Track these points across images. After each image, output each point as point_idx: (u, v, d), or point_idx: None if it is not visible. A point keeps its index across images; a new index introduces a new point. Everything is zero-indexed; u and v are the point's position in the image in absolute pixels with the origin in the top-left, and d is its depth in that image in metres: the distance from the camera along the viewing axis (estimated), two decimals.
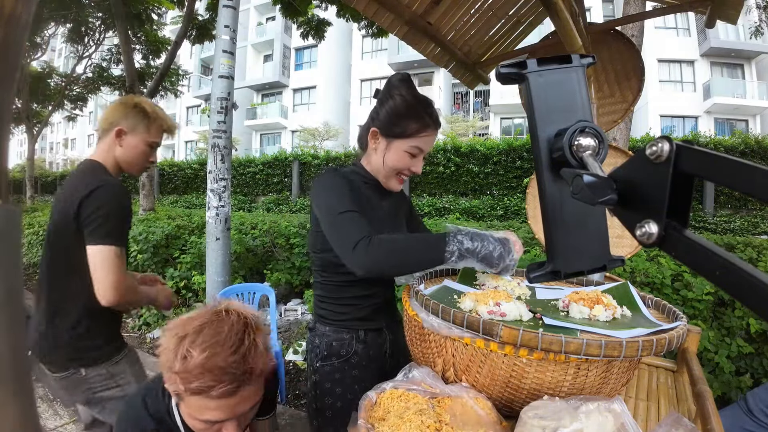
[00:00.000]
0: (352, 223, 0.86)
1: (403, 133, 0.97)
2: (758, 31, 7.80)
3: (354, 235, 0.83)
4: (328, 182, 0.97)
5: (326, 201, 0.93)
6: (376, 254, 0.82)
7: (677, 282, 2.21)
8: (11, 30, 0.11)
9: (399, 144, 0.98)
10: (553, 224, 0.43)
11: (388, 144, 0.99)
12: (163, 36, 8.48)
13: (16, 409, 0.10)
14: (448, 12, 1.54)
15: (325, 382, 1.02)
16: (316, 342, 1.04)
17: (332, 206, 0.90)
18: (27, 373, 0.11)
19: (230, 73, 2.64)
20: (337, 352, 1.02)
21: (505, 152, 7.74)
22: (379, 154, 1.01)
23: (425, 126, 0.97)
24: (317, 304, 1.08)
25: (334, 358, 1.02)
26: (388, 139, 0.98)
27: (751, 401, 1.22)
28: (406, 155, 0.98)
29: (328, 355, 1.02)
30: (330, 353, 1.02)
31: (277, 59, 21.86)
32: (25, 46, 0.22)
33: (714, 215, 6.88)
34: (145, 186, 6.31)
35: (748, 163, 0.23)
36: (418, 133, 0.97)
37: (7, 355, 0.10)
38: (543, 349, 0.59)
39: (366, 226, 0.86)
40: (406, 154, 0.98)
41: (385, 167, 1.00)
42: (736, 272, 0.23)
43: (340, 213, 0.88)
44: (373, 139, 1.01)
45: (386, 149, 0.99)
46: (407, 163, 0.99)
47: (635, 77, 1.68)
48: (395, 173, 1.02)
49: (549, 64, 0.41)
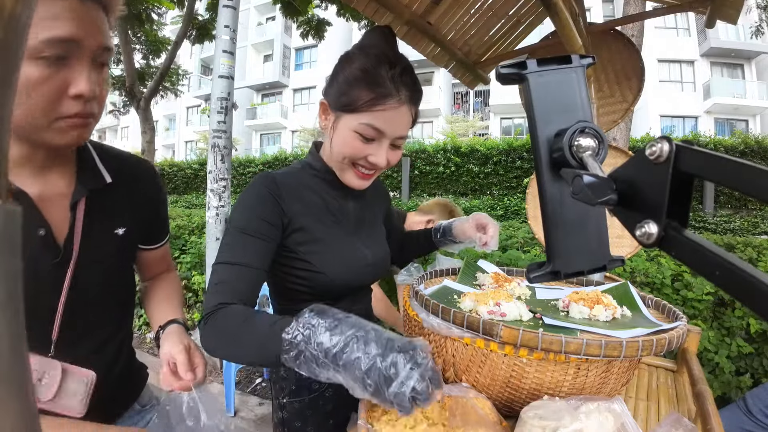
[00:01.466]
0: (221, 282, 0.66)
1: (350, 105, 0.69)
2: (758, 31, 7.80)
3: (211, 300, 0.65)
4: (244, 202, 0.75)
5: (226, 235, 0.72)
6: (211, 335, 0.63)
7: (677, 282, 2.21)
8: (11, 30, 0.11)
9: (346, 121, 0.71)
10: (553, 224, 0.43)
11: (336, 120, 0.73)
12: (163, 36, 8.48)
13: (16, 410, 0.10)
14: (448, 12, 1.54)
15: (294, 421, 0.84)
16: (282, 374, 0.84)
17: (222, 246, 0.71)
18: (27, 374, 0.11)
19: (230, 73, 2.64)
20: (308, 386, 0.83)
21: (505, 152, 7.74)
22: (328, 135, 0.76)
23: (384, 95, 0.68)
24: None
25: (305, 393, 0.83)
26: (336, 114, 0.73)
27: (750, 401, 1.22)
28: (356, 137, 0.70)
29: (296, 390, 0.83)
30: (300, 387, 0.83)
31: (277, 59, 21.87)
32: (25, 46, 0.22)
33: (714, 215, 6.88)
34: None
35: (748, 163, 0.23)
36: (373, 105, 0.68)
37: (7, 356, 0.10)
38: (543, 349, 0.59)
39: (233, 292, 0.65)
40: (356, 136, 0.70)
41: (333, 153, 0.75)
42: (736, 272, 0.23)
43: (219, 263, 0.69)
44: (322, 114, 0.76)
45: (333, 128, 0.73)
46: (358, 148, 0.71)
47: (635, 77, 1.68)
48: (348, 162, 0.74)
49: (549, 64, 0.41)
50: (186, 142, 25.36)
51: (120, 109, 9.91)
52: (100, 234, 0.67)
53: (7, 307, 0.12)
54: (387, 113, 0.69)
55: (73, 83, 0.52)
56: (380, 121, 0.69)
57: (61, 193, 0.62)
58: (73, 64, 0.52)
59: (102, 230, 0.67)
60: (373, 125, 0.69)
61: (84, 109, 0.54)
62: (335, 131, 0.73)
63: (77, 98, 0.53)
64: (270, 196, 0.73)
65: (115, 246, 0.70)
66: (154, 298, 0.83)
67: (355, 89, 0.69)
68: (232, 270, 0.68)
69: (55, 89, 0.51)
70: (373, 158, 0.72)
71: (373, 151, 0.72)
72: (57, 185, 0.61)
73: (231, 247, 0.70)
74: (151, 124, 6.37)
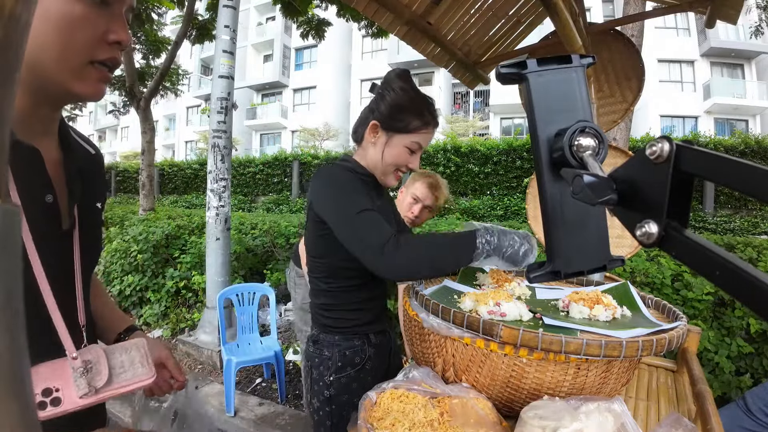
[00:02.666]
0: (373, 224, 0.82)
1: (405, 128, 0.95)
2: (758, 31, 7.80)
3: (379, 236, 0.79)
4: (335, 178, 0.92)
5: (336, 200, 0.87)
6: (409, 255, 0.78)
7: (677, 282, 2.21)
8: (11, 30, 0.11)
9: (399, 139, 0.95)
10: (553, 224, 0.43)
11: (389, 138, 0.96)
12: (163, 36, 8.47)
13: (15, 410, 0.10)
14: (448, 12, 1.54)
15: (342, 395, 0.96)
16: (326, 354, 0.97)
17: (345, 205, 0.85)
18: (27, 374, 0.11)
19: (230, 73, 2.64)
20: (352, 360, 0.97)
21: (505, 152, 7.74)
22: (377, 148, 0.98)
23: (426, 123, 0.96)
24: (320, 314, 1.01)
25: (350, 368, 0.97)
26: (388, 134, 0.96)
27: (749, 400, 1.22)
28: (406, 151, 0.96)
29: (342, 366, 0.96)
30: (344, 363, 0.96)
31: (277, 59, 21.87)
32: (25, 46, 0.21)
33: (714, 215, 6.88)
34: (145, 186, 6.31)
35: (748, 163, 0.23)
36: (420, 129, 0.95)
37: (6, 356, 0.10)
38: (543, 349, 0.59)
39: (388, 226, 0.82)
40: (406, 150, 0.96)
41: (384, 162, 0.97)
42: (736, 272, 0.23)
43: (358, 213, 0.83)
44: (372, 132, 0.98)
45: (386, 144, 0.96)
46: (406, 158, 0.97)
47: (635, 77, 1.68)
48: (393, 169, 0.99)
49: (549, 64, 0.41)
50: (186, 142, 25.35)
51: (120, 109, 9.89)
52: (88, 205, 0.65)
53: (7, 308, 0.12)
54: (427, 135, 0.98)
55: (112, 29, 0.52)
56: (423, 140, 0.97)
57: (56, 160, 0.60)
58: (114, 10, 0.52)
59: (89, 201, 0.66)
60: (419, 142, 0.96)
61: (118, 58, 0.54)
62: (388, 146, 0.96)
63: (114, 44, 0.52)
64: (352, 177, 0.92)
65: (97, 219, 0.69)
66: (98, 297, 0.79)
67: (406, 116, 0.94)
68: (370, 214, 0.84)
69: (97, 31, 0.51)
70: (412, 164, 0.99)
71: (413, 160, 0.99)
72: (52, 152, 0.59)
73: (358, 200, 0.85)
74: (151, 124, 6.37)
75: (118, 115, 10.12)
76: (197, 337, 2.98)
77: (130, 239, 3.79)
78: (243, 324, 2.59)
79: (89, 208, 0.65)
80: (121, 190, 14.24)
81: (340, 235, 0.85)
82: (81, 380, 0.55)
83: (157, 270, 3.68)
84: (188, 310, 3.55)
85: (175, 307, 3.60)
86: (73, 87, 0.52)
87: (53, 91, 0.53)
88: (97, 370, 0.57)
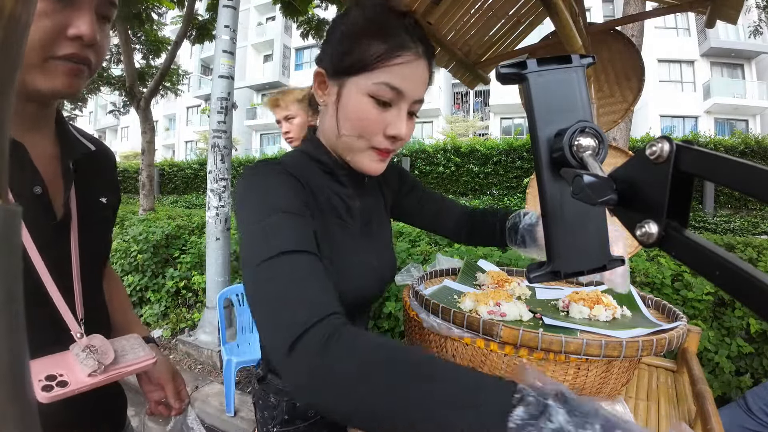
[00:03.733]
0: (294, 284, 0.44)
1: (360, 63, 0.55)
2: (758, 31, 7.80)
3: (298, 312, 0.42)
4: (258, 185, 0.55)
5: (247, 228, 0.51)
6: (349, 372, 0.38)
7: (677, 282, 2.21)
8: (11, 30, 0.11)
9: (355, 84, 0.56)
10: (553, 224, 0.43)
11: (340, 89, 0.58)
12: (163, 36, 8.48)
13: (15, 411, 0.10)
14: (448, 12, 1.54)
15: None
16: (272, 401, 0.72)
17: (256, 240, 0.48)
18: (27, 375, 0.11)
19: (230, 73, 2.64)
20: (304, 413, 0.72)
21: (505, 152, 7.74)
22: (330, 111, 0.60)
23: (399, 46, 0.55)
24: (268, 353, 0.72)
25: (300, 422, 0.72)
26: (339, 81, 0.58)
27: (750, 400, 1.22)
28: (371, 103, 0.56)
29: (290, 420, 0.72)
30: (294, 416, 0.72)
31: (277, 59, 21.87)
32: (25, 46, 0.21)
33: (714, 215, 6.88)
34: (145, 186, 6.31)
35: (748, 163, 0.23)
36: (388, 58, 0.55)
37: (6, 358, 0.10)
38: (543, 349, 0.59)
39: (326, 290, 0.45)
40: (370, 101, 0.56)
41: (344, 129, 0.59)
42: (736, 272, 0.23)
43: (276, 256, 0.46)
44: (319, 87, 0.62)
45: (337, 99, 0.59)
46: (374, 117, 0.57)
47: (635, 77, 1.68)
48: (363, 141, 0.59)
49: (549, 64, 0.41)
50: (186, 142, 25.35)
51: (120, 109, 9.90)
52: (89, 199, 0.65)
53: (7, 309, 0.12)
54: (405, 68, 0.55)
55: (73, 24, 0.51)
56: (398, 78, 0.55)
57: (51, 155, 0.60)
58: (78, 5, 0.51)
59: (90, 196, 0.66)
60: (391, 83, 0.55)
61: (80, 53, 0.52)
62: (341, 103, 0.58)
63: (75, 39, 0.51)
64: (294, 180, 0.57)
65: (102, 214, 0.69)
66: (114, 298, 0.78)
67: (363, 43, 0.55)
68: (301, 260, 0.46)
69: (55, 26, 0.50)
70: (392, 129, 0.57)
71: (392, 120, 0.57)
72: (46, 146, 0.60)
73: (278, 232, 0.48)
74: (151, 124, 6.37)
75: (118, 115, 10.12)
76: (197, 337, 2.98)
77: (130, 239, 3.80)
78: (243, 324, 2.59)
79: (90, 202, 0.65)
80: (121, 190, 14.15)
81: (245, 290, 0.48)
82: (88, 360, 0.56)
83: (157, 270, 3.68)
84: (188, 310, 3.55)
85: (175, 307, 3.60)
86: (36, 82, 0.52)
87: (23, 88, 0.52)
88: (103, 351, 0.59)
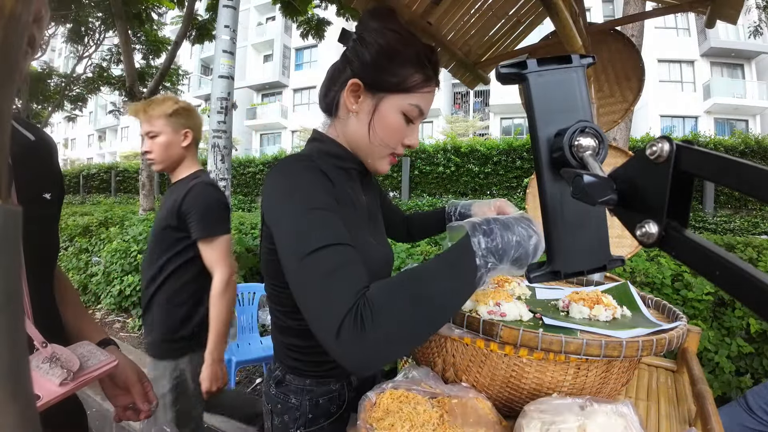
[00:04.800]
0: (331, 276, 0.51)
1: (401, 85, 0.64)
2: (758, 31, 7.80)
3: (334, 308, 0.48)
4: (295, 182, 0.60)
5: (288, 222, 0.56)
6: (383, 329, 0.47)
7: (677, 282, 2.21)
8: (11, 30, 0.11)
9: (394, 101, 0.65)
10: (553, 224, 0.43)
11: (378, 102, 0.66)
12: (163, 36, 8.48)
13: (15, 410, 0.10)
14: (448, 12, 1.54)
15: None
16: (293, 402, 0.73)
17: (299, 235, 0.54)
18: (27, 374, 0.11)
19: (230, 73, 2.64)
20: (327, 410, 0.74)
21: (505, 152, 7.74)
22: (362, 118, 0.67)
23: (429, 77, 0.67)
24: (286, 353, 0.75)
25: (323, 420, 0.74)
26: (376, 95, 0.66)
27: (750, 399, 1.22)
28: (402, 119, 0.66)
29: (314, 418, 0.73)
30: (317, 415, 0.73)
31: (277, 59, 21.87)
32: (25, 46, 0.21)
33: (714, 215, 6.88)
34: (145, 186, 6.31)
35: (748, 163, 0.23)
36: (422, 86, 0.66)
37: (6, 356, 0.10)
38: (543, 349, 0.59)
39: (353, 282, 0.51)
40: (402, 118, 0.66)
41: (375, 139, 0.67)
42: (736, 272, 0.23)
43: (316, 250, 0.52)
44: (352, 95, 0.67)
45: (374, 110, 0.66)
46: (403, 131, 0.67)
47: (635, 77, 1.68)
48: (388, 149, 0.69)
49: (549, 64, 0.42)
50: None
51: (120, 109, 9.90)
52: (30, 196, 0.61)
53: (8, 308, 0.12)
54: (430, 96, 0.68)
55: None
56: (424, 102, 0.67)
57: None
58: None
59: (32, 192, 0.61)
60: (420, 106, 0.67)
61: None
62: (378, 115, 0.66)
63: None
64: (324, 177, 0.62)
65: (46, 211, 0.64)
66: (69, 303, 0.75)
67: (405, 69, 0.64)
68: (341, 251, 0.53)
69: None
70: (409, 140, 0.69)
71: (410, 133, 0.69)
72: None
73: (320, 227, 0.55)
74: None
75: (118, 115, 10.12)
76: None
77: (130, 239, 3.79)
78: (243, 324, 2.59)
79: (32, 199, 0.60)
80: (121, 190, 14.23)
81: (289, 281, 0.55)
82: (56, 369, 0.55)
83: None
84: None
85: None
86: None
87: None
88: (66, 358, 0.56)
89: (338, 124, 0.71)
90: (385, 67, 0.64)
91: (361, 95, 0.67)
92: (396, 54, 0.64)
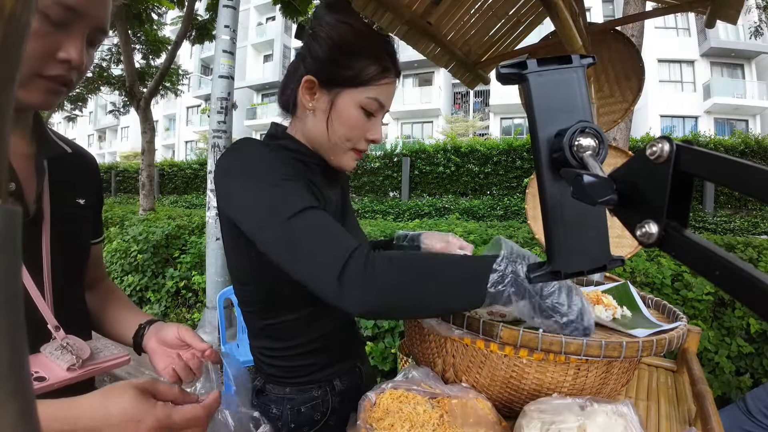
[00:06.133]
0: (320, 233, 0.52)
1: (356, 78, 0.64)
2: (758, 31, 7.81)
3: (332, 254, 0.50)
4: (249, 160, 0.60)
5: (255, 195, 0.56)
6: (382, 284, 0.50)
7: (677, 282, 2.21)
8: (11, 30, 0.11)
9: (350, 96, 0.65)
10: (553, 224, 0.43)
11: (334, 98, 0.66)
12: (163, 36, 8.48)
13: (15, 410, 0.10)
14: (448, 12, 1.54)
15: None
16: (273, 412, 0.71)
17: (271, 203, 0.54)
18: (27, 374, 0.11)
19: (230, 73, 2.64)
20: (310, 418, 0.72)
21: (505, 152, 7.74)
22: (319, 116, 0.67)
23: (386, 68, 0.66)
24: (261, 360, 0.74)
25: (307, 429, 0.72)
26: (332, 91, 0.66)
27: (750, 402, 1.22)
28: (361, 113, 0.66)
29: (296, 427, 0.71)
30: (300, 423, 0.71)
31: (277, 59, 21.87)
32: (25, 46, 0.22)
33: (714, 215, 6.88)
34: (145, 186, 6.31)
35: (748, 163, 0.23)
36: (379, 78, 0.65)
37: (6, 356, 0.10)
38: (543, 350, 0.59)
39: (344, 235, 0.53)
40: (360, 112, 0.66)
41: (333, 135, 0.67)
42: (736, 272, 0.23)
43: (294, 215, 0.53)
44: (307, 93, 0.67)
45: (331, 106, 0.66)
46: (362, 125, 0.67)
47: (635, 77, 1.68)
48: (348, 144, 0.68)
49: (549, 64, 0.41)
50: (186, 142, 25.36)
51: (120, 109, 9.90)
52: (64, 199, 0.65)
53: (7, 308, 0.12)
54: (389, 87, 0.67)
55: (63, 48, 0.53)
56: (384, 95, 0.67)
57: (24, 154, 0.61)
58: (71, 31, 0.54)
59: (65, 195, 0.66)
60: (379, 99, 0.66)
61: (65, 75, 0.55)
62: (335, 111, 0.66)
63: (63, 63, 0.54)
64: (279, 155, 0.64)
65: (78, 214, 0.69)
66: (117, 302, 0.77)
67: (359, 62, 0.64)
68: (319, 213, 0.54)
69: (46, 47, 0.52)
70: (372, 135, 0.68)
71: (372, 127, 0.68)
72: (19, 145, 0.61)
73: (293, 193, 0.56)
74: (151, 124, 6.37)
75: (118, 115, 10.12)
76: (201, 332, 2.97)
77: (130, 239, 3.80)
78: (243, 324, 2.59)
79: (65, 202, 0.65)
80: (121, 190, 14.24)
81: (267, 251, 0.55)
82: (66, 355, 0.57)
83: (157, 270, 3.68)
84: (188, 310, 3.55)
85: (175, 307, 3.60)
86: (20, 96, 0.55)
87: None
88: (78, 347, 0.59)
89: (297, 122, 0.72)
90: (338, 61, 0.64)
91: (317, 92, 0.67)
92: (349, 47, 0.64)
